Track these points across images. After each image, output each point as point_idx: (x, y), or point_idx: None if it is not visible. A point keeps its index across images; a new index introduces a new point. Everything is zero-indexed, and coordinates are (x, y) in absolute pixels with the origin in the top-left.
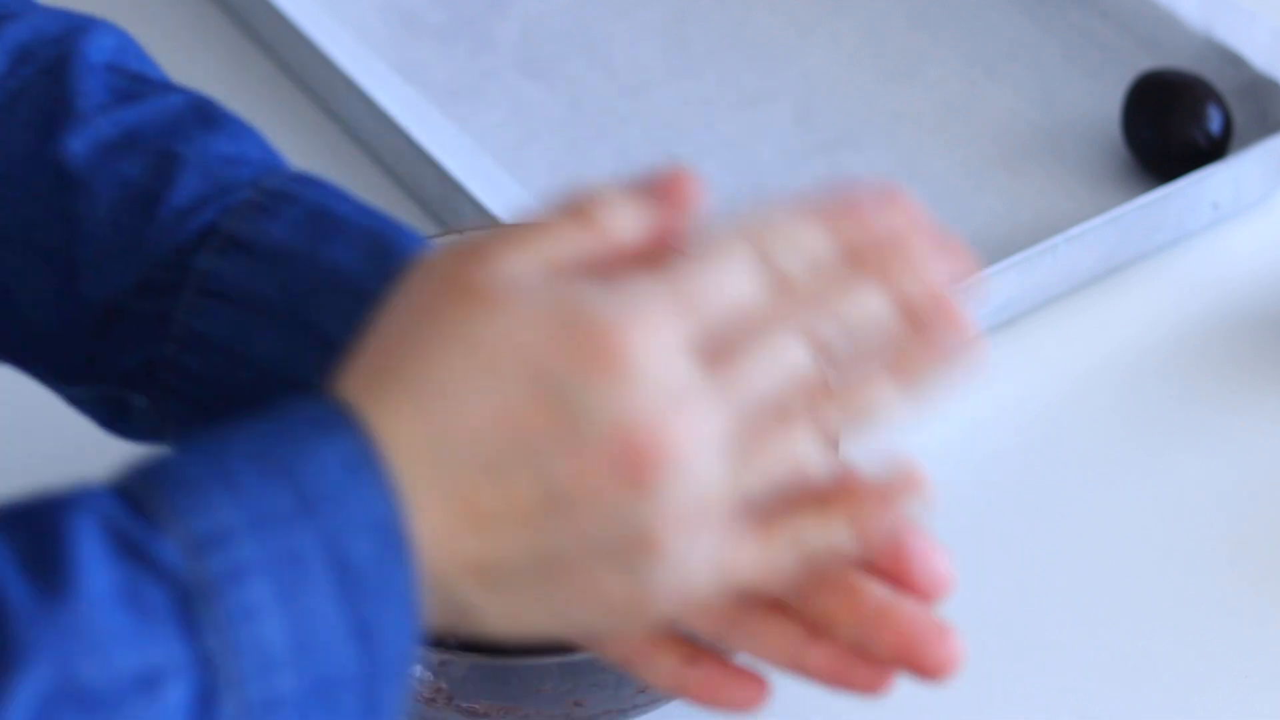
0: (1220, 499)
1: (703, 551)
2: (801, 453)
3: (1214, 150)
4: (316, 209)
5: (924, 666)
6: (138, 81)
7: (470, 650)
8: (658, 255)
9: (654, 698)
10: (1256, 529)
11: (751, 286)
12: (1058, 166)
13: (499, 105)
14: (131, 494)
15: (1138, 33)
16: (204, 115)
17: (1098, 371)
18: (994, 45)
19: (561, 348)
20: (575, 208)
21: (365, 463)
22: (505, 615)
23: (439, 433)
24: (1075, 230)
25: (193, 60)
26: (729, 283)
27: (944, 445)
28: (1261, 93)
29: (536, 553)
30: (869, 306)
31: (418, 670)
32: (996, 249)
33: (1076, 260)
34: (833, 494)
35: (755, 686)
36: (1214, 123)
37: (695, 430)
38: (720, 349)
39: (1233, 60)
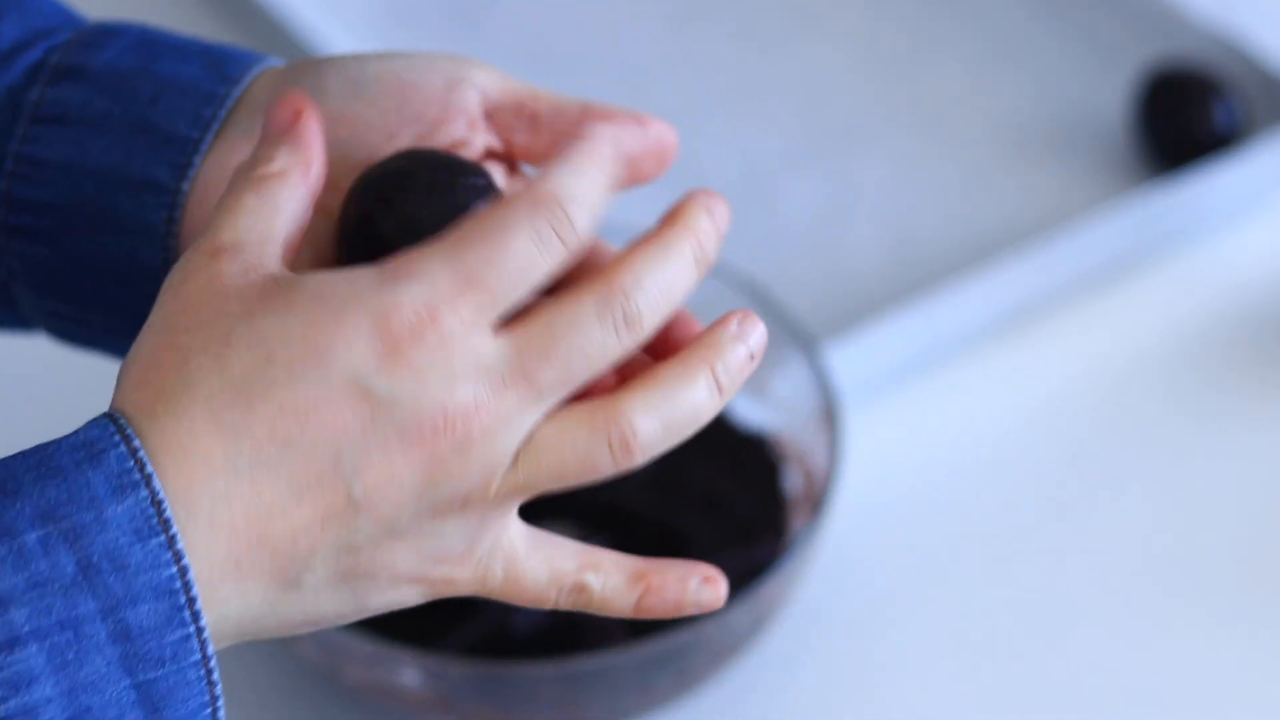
0: (1228, 497)
1: (483, 533)
2: (604, 455)
3: (1226, 145)
4: (144, 37)
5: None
6: None
7: (468, 657)
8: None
9: (651, 703)
10: (1262, 528)
11: (543, 251)
12: (1061, 163)
13: None
14: None
15: (1139, 28)
16: None
17: (1100, 370)
18: (995, 42)
19: (357, 339)
20: (249, 176)
21: (150, 527)
22: (308, 613)
23: (235, 443)
24: (1081, 226)
25: None
26: (516, 251)
27: (945, 444)
28: (1272, 88)
29: (338, 552)
30: (675, 274)
31: (412, 677)
32: (1000, 246)
33: (1082, 256)
34: (639, 565)
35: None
36: (1225, 117)
37: (490, 414)
38: (525, 323)
39: (1240, 54)
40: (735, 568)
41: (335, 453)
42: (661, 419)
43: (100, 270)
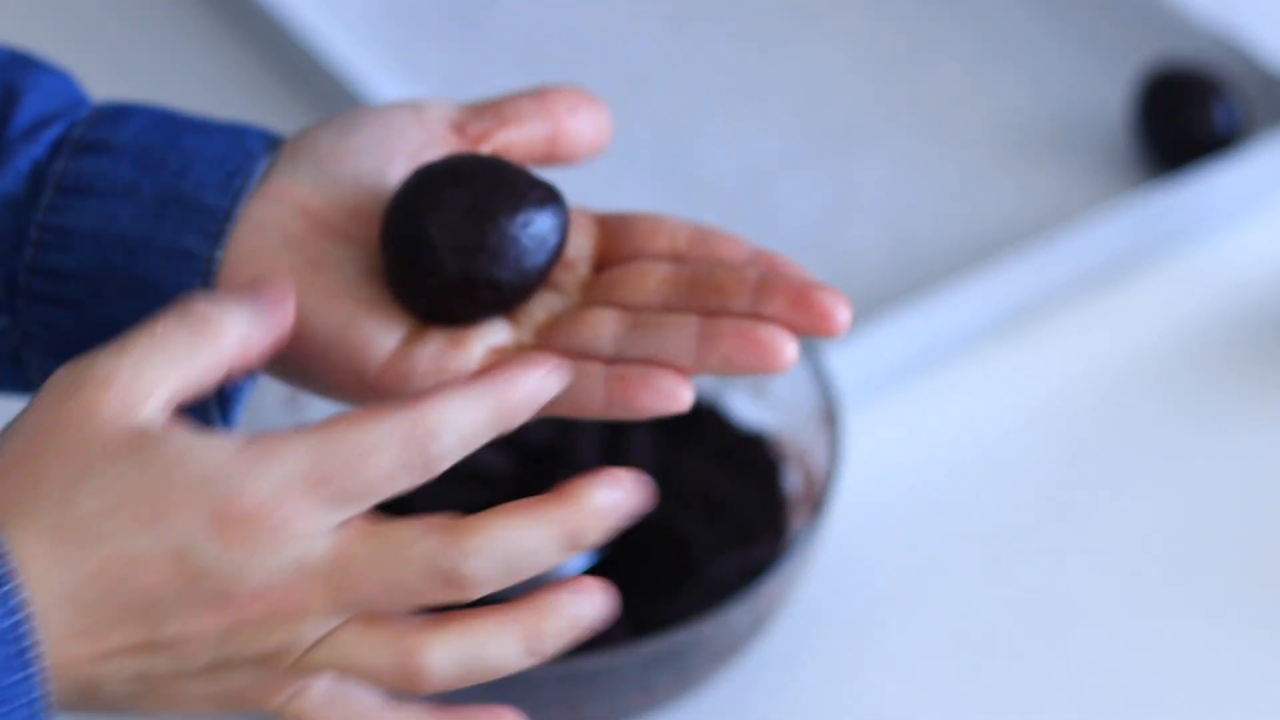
0: (1228, 497)
1: (281, 686)
2: (396, 670)
3: (1226, 145)
4: (164, 115)
5: (818, 311)
6: None
7: None
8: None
9: (652, 703)
10: (1262, 528)
11: (406, 469)
12: (1061, 163)
13: None
14: None
15: (1139, 28)
16: (27, 59)
17: (1100, 371)
18: (995, 41)
19: (196, 508)
20: (190, 320)
21: (2, 578)
22: (105, 711)
23: (68, 571)
24: (1081, 226)
25: (186, 57)
26: (378, 464)
27: (945, 444)
28: (1272, 88)
29: (134, 674)
30: (527, 548)
31: None
32: (1000, 246)
33: (1082, 257)
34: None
35: (680, 381)
36: (1225, 117)
37: (294, 606)
38: (356, 529)
39: (1240, 54)
40: (735, 568)
41: (150, 604)
42: (461, 665)
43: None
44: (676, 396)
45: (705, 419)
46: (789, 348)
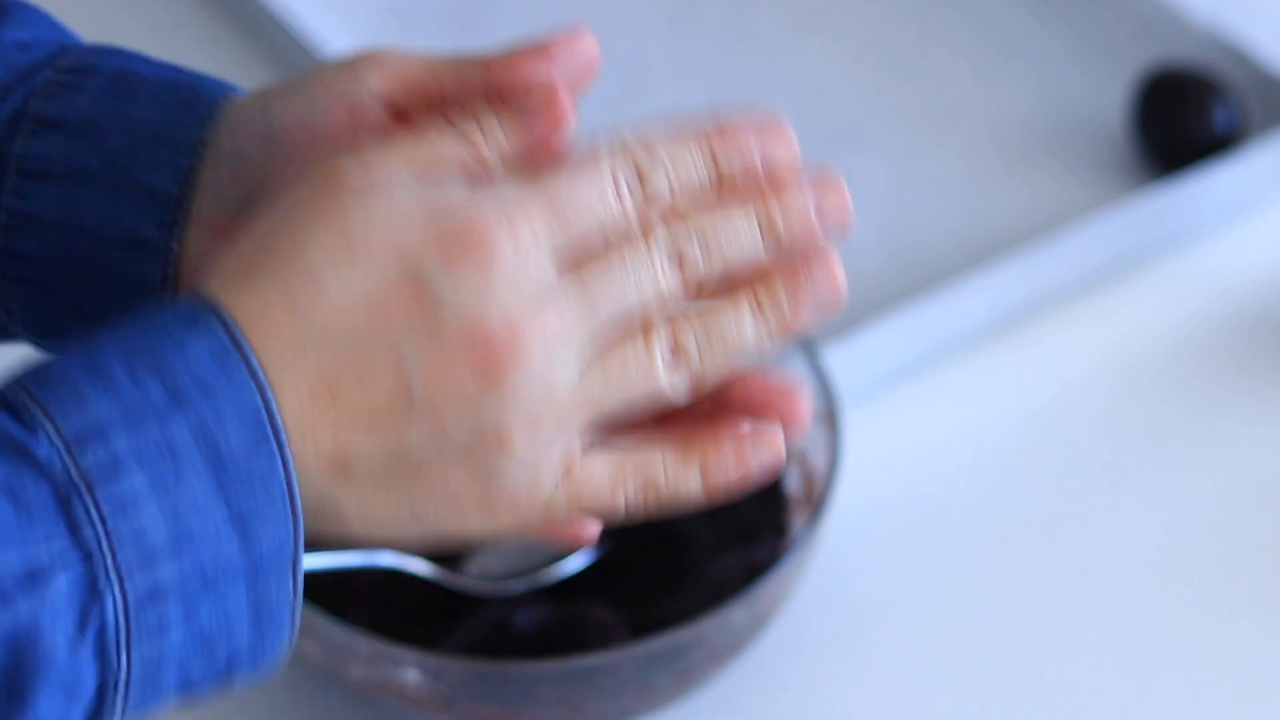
0: (1228, 497)
1: (552, 456)
2: (658, 371)
3: (1225, 146)
4: (117, 73)
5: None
6: None
7: (468, 656)
8: (533, 166)
9: (652, 702)
10: (1262, 528)
11: (621, 201)
12: (1060, 163)
13: None
14: (7, 398)
15: (1138, 29)
16: None
17: (1100, 371)
18: (995, 42)
19: (428, 238)
20: (453, 121)
21: (230, 355)
22: (363, 514)
23: (304, 318)
24: (1081, 226)
25: (183, 55)
26: (598, 194)
27: (945, 444)
28: (1270, 89)
29: (391, 447)
30: (738, 231)
31: (413, 676)
32: (999, 246)
33: (1082, 257)
34: (694, 435)
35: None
36: (1224, 119)
37: (550, 329)
38: (584, 258)
39: (1239, 55)
40: (735, 568)
41: (397, 343)
42: (703, 333)
43: (98, 317)
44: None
45: None
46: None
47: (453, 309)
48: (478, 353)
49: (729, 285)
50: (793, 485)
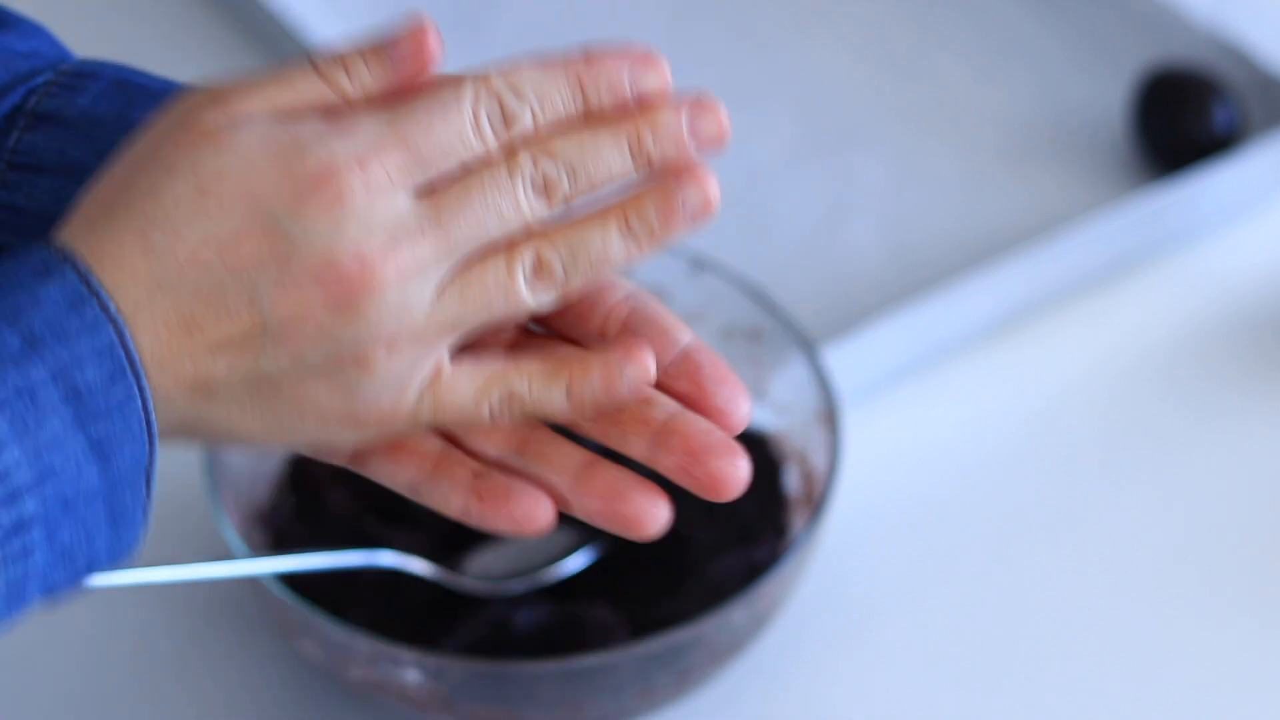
0: (1228, 497)
1: (414, 372)
2: (519, 289)
3: (1225, 146)
4: (119, 80)
5: (707, 480)
6: None
7: (468, 656)
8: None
9: (652, 702)
10: (1262, 528)
11: (482, 137)
12: (1060, 163)
13: None
14: None
15: (1138, 29)
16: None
17: (1100, 371)
18: (995, 42)
19: (279, 181)
20: (315, 62)
21: (84, 299)
22: (231, 428)
23: (159, 261)
24: (1081, 226)
25: (183, 54)
26: (457, 132)
27: (945, 444)
28: (1270, 89)
29: (249, 372)
30: (606, 157)
31: (412, 676)
32: (999, 246)
33: (1082, 257)
34: (560, 354)
35: (543, 503)
36: (1224, 119)
37: (404, 262)
38: (441, 188)
39: (1239, 56)
40: (735, 568)
41: (250, 283)
42: (570, 253)
43: None
44: (534, 518)
45: None
46: (659, 512)
47: (303, 248)
48: (329, 287)
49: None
50: (793, 485)
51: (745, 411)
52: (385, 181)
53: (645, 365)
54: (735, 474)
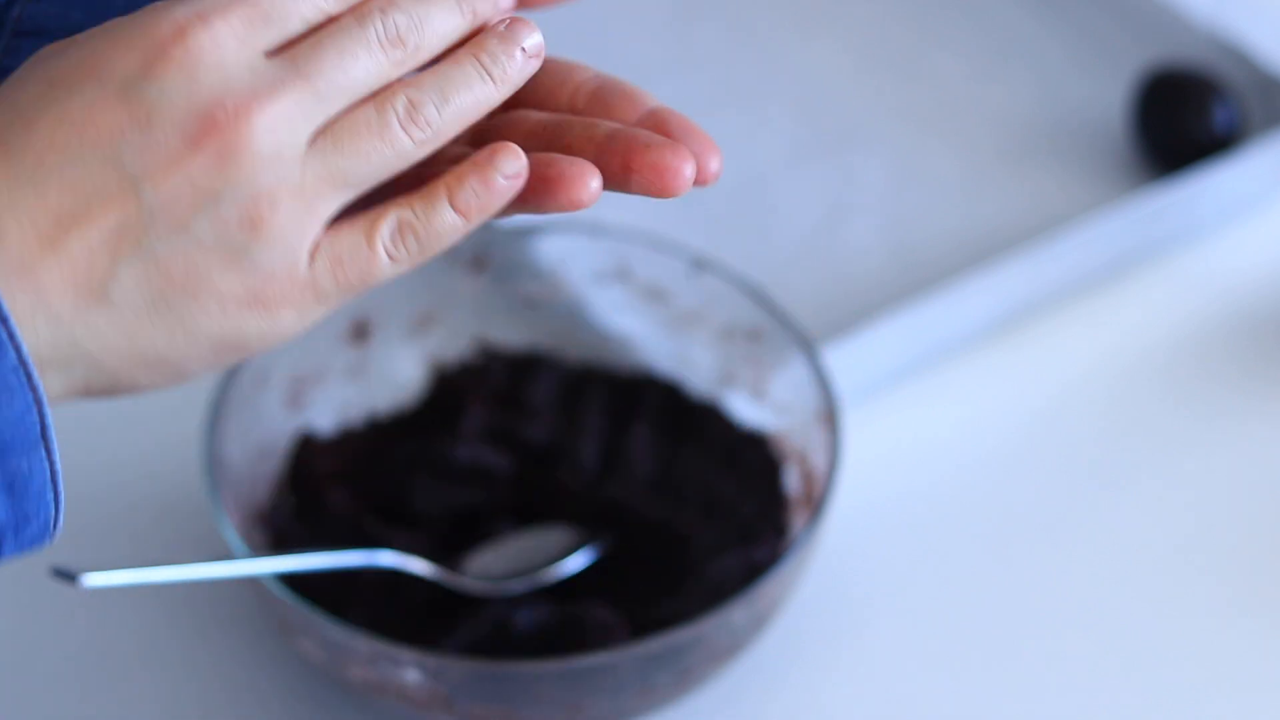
0: (1228, 497)
1: (302, 231)
2: (394, 132)
3: (1225, 146)
4: None
5: (649, 171)
6: None
7: (468, 656)
8: None
9: (652, 702)
10: (1262, 527)
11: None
12: (1060, 163)
13: None
14: None
15: (1138, 29)
16: None
17: (1100, 371)
18: (995, 42)
19: (126, 53)
20: None
21: None
22: (135, 343)
23: (16, 159)
24: (1081, 226)
25: None
26: None
27: (945, 444)
28: (1270, 89)
29: (143, 264)
30: (442, 14)
31: (412, 676)
32: (999, 246)
33: (1082, 257)
34: (435, 177)
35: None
36: (1224, 119)
37: (267, 106)
38: (294, 47)
39: (1239, 56)
40: (735, 568)
41: (115, 155)
42: (438, 93)
43: None
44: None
45: (705, 419)
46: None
47: (162, 107)
48: (198, 139)
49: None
50: (793, 485)
51: (716, 166)
52: (232, 36)
53: (514, 152)
54: (677, 162)
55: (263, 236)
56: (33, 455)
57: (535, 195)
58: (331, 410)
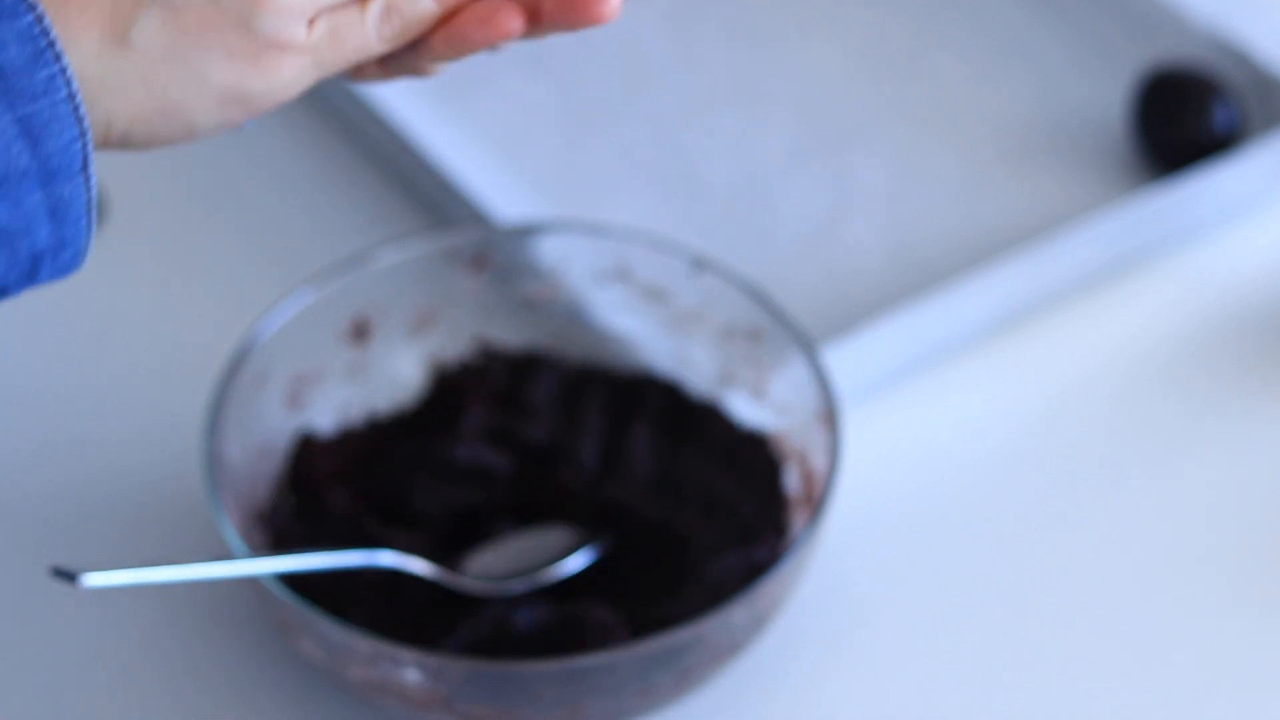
0: (1229, 497)
1: (304, 4)
2: None
3: (1225, 146)
4: None
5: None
6: None
7: (468, 656)
8: None
9: (652, 702)
10: (1263, 527)
11: None
12: (1060, 163)
13: (498, 102)
14: None
15: (1138, 29)
16: None
17: (1100, 371)
18: (995, 42)
19: None
20: None
21: None
22: (144, 87)
23: None
24: (1081, 226)
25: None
26: None
27: (945, 444)
28: (1270, 89)
29: (159, 7)
30: None
31: (412, 676)
32: (999, 246)
33: (1082, 257)
34: None
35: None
36: (1224, 119)
37: None
38: None
39: (1239, 56)
40: (735, 568)
41: None
42: None
43: None
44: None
45: (705, 419)
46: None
47: None
48: None
49: None
50: (793, 485)
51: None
52: None
53: None
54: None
55: (268, 6)
56: (75, 182)
57: (561, 12)
58: (331, 410)
